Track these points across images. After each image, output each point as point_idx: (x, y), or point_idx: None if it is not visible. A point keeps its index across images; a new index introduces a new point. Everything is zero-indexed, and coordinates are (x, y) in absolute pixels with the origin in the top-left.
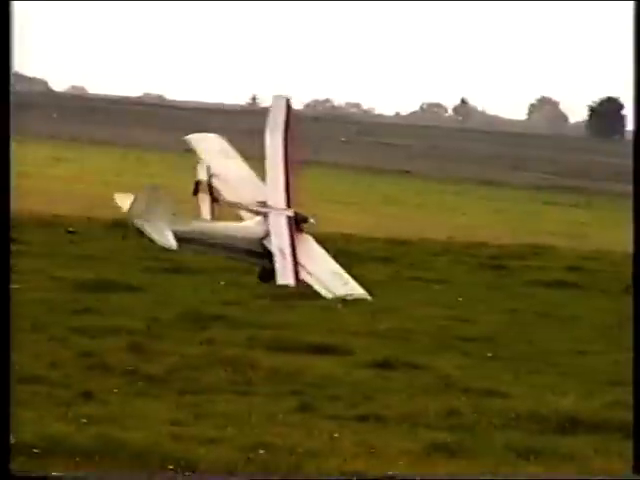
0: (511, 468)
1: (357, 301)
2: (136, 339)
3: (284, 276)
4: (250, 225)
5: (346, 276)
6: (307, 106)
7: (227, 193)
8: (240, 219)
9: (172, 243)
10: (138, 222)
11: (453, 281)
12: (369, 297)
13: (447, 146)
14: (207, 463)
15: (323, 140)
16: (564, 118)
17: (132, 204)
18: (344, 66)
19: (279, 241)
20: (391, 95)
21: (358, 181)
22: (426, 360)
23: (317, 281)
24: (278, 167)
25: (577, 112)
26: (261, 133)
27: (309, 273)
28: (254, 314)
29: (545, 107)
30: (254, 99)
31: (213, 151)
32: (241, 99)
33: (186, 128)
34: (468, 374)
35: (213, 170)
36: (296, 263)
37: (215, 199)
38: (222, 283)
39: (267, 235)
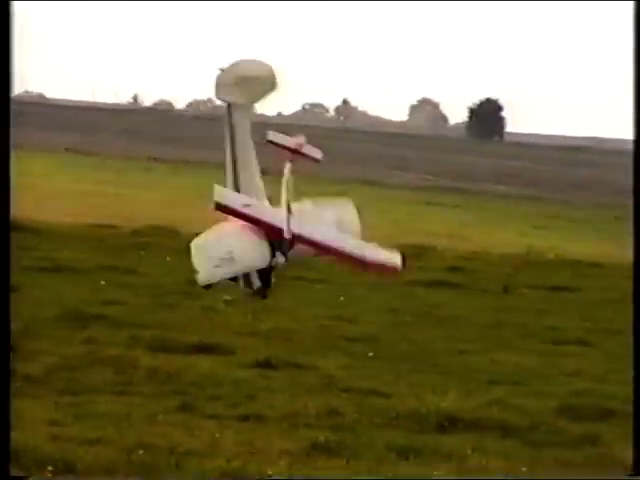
0: (391, 467)
1: (240, 301)
2: (13, 339)
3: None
4: None
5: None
6: (189, 105)
7: None
8: None
9: None
10: None
11: (335, 281)
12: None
13: (329, 146)
14: (86, 464)
15: (205, 140)
16: (444, 119)
17: None
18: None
19: None
20: (273, 95)
21: None
22: (308, 360)
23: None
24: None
25: (457, 113)
26: (141, 132)
27: None
28: (135, 314)
29: (426, 108)
30: (135, 98)
31: None
32: (123, 98)
33: (67, 127)
34: (350, 374)
35: None
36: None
37: None
38: (103, 282)
39: None
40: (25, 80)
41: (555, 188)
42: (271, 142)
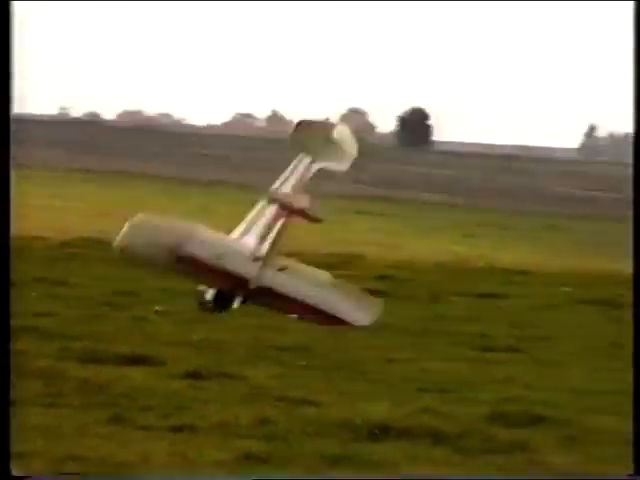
0: (322, 476)
1: (170, 311)
2: None
3: None
4: None
5: None
6: (119, 116)
7: None
8: None
9: None
10: None
11: None
12: None
13: (260, 156)
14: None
15: (135, 151)
16: (372, 128)
17: None
18: (154, 76)
19: None
20: (202, 105)
21: (172, 192)
22: (240, 370)
23: None
24: None
25: (385, 122)
26: (69, 143)
27: None
28: (66, 325)
29: (354, 117)
30: (64, 109)
31: None
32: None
33: None
34: (282, 383)
35: None
36: None
37: None
38: (34, 294)
39: None
40: None
41: (484, 196)
42: (274, 199)
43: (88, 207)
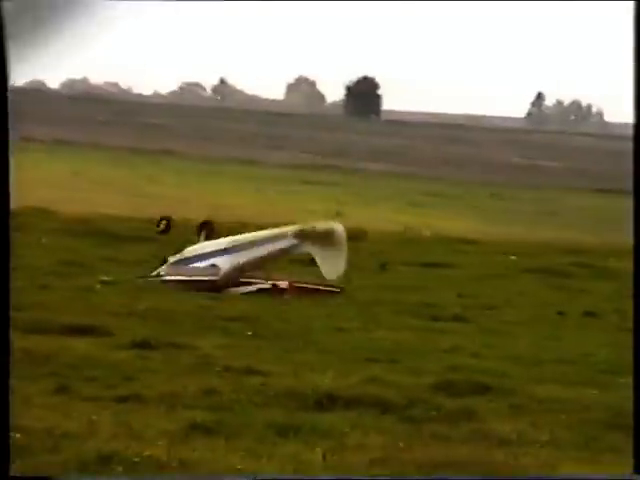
0: (270, 446)
1: (116, 281)
2: None
3: None
4: None
5: None
6: (63, 85)
7: None
8: None
9: None
10: None
11: None
12: None
13: (207, 126)
14: None
15: (81, 120)
16: (321, 97)
17: None
18: (100, 45)
19: None
20: (149, 74)
21: (119, 161)
22: (186, 340)
23: None
24: None
25: (334, 91)
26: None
27: None
28: (10, 295)
29: (302, 86)
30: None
31: None
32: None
33: None
34: (228, 353)
35: None
36: None
37: None
38: None
39: None
40: None
41: (431, 166)
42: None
43: (33, 177)
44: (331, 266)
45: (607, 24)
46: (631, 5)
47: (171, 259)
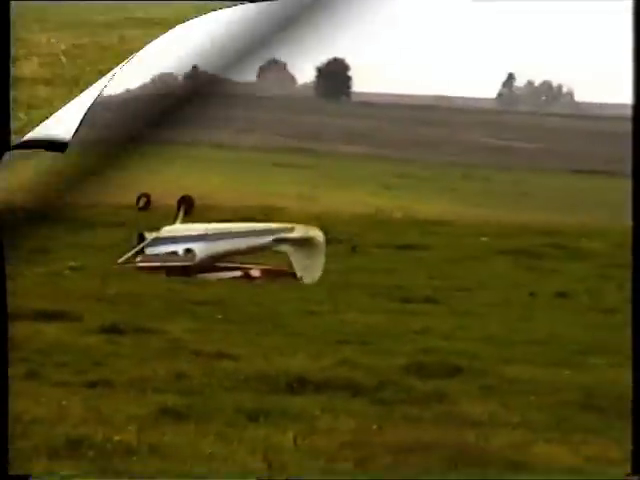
0: (241, 430)
1: (84, 266)
2: None
3: None
4: None
5: None
6: None
7: None
8: None
9: None
10: None
11: None
12: None
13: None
14: None
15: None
16: (292, 79)
17: None
18: None
19: None
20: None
21: None
22: (155, 324)
23: None
24: None
25: (305, 73)
26: None
27: None
28: None
29: (273, 68)
30: None
31: None
32: None
33: None
34: (198, 337)
35: None
36: None
37: None
38: None
39: None
40: None
41: (403, 147)
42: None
43: None
44: (308, 271)
45: (577, 3)
46: None
47: (148, 235)
